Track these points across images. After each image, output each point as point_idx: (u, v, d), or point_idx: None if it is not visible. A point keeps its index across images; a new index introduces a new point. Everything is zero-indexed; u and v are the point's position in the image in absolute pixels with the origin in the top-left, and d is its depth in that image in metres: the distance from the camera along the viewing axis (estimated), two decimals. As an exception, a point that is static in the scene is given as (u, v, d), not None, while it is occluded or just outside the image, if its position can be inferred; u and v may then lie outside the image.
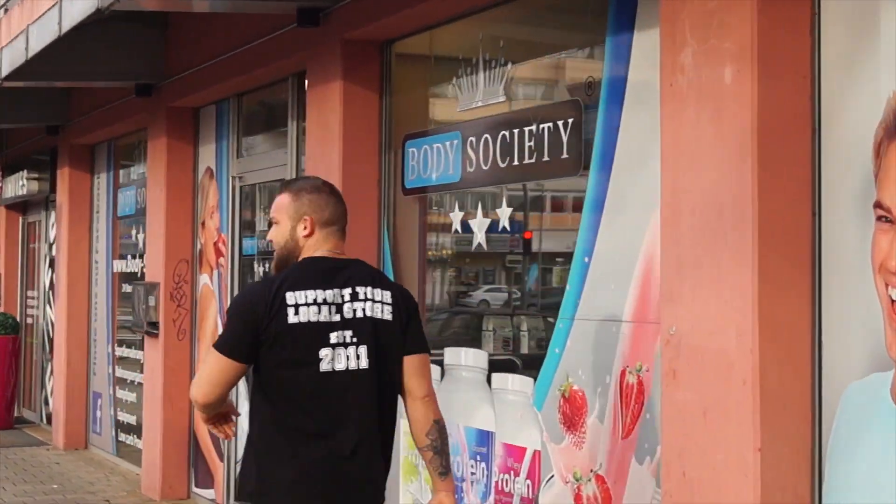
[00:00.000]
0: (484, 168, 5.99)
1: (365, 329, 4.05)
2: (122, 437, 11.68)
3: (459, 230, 6.33)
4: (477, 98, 6.18)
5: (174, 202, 9.90)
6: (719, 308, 4.15)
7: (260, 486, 4.02)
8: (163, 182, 9.90)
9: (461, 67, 6.30)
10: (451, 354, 6.34)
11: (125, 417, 11.61)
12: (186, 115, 9.95)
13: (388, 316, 4.10)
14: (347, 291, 4.07)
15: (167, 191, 9.88)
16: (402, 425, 4.74)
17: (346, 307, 4.05)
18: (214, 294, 9.39)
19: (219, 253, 9.38)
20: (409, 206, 6.91)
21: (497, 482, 5.84)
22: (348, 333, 4.03)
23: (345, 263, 4.16)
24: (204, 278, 9.72)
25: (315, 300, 4.02)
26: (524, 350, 6.09)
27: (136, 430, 11.26)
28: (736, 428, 4.07)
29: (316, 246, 4.14)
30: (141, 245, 11.26)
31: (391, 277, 6.75)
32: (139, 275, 11.25)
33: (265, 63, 8.09)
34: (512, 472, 5.75)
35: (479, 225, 6.13)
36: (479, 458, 6.02)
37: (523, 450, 5.67)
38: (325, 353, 4.00)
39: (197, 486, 9.79)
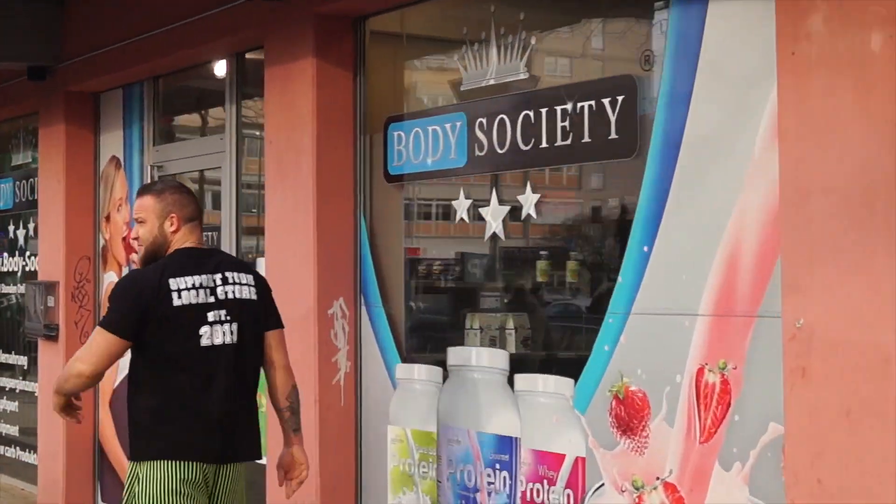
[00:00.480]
0: (499, 151, 5.52)
1: (235, 308, 4.72)
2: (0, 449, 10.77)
3: (466, 218, 5.83)
4: (488, 75, 5.69)
5: (74, 195, 9.11)
6: (869, 299, 3.77)
7: (157, 443, 4.60)
8: (61, 173, 9.09)
9: (466, 42, 5.80)
10: (458, 354, 5.85)
11: (3, 428, 10.70)
12: (86, 100, 9.17)
13: (253, 296, 4.80)
14: (218, 276, 4.73)
15: (66, 182, 9.07)
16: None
17: (220, 290, 4.71)
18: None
19: (130, 249, 8.64)
20: (390, 193, 6.38)
21: (525, 492, 5.37)
22: (223, 312, 4.69)
23: (210, 252, 4.97)
24: (110, 276, 8.95)
25: (194, 285, 4.66)
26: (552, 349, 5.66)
27: (18, 442, 10.38)
28: (894, 431, 3.70)
29: (183, 239, 4.78)
30: (22, 242, 10.38)
31: (372, 270, 6.25)
32: (19, 274, 10.37)
33: (196, 43, 7.43)
34: (545, 481, 5.29)
35: (493, 213, 5.64)
36: (498, 466, 5.54)
37: (560, 456, 5.21)
38: (204, 330, 4.65)
39: (104, 499, 9.03)
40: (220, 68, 7.63)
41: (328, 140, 6.40)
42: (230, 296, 4.74)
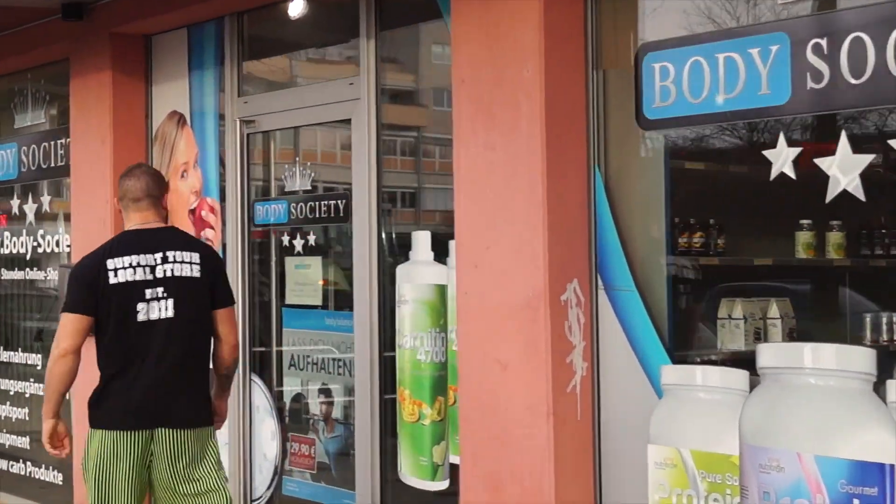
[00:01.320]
0: (853, 82, 4.10)
1: (172, 285, 4.96)
2: (1, 464, 9.06)
3: (791, 173, 4.40)
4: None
5: (122, 159, 7.43)
6: None
7: (98, 414, 5.01)
8: (106, 132, 7.46)
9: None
10: (780, 353, 4.44)
11: (4, 439, 8.99)
12: (136, 44, 7.53)
13: (195, 274, 5.01)
14: (159, 255, 4.98)
15: (113, 144, 7.42)
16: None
17: (159, 268, 4.96)
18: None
19: (202, 223, 7.06)
20: (644, 144, 4.94)
21: (909, 539, 3.98)
22: (160, 290, 4.95)
23: (154, 232, 5.09)
24: (170, 257, 7.33)
25: (131, 264, 4.95)
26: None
27: (27, 454, 8.70)
28: None
29: (130, 220, 5.14)
30: (32, 218, 8.68)
31: (616, 243, 4.81)
32: (29, 257, 8.68)
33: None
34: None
35: (844, 165, 4.23)
36: (858, 499, 4.14)
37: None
38: (141, 306, 4.93)
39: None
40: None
41: (556, 76, 4.93)
42: (168, 273, 4.98)
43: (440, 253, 5.78)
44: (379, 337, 6.01)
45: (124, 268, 4.95)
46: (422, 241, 5.82)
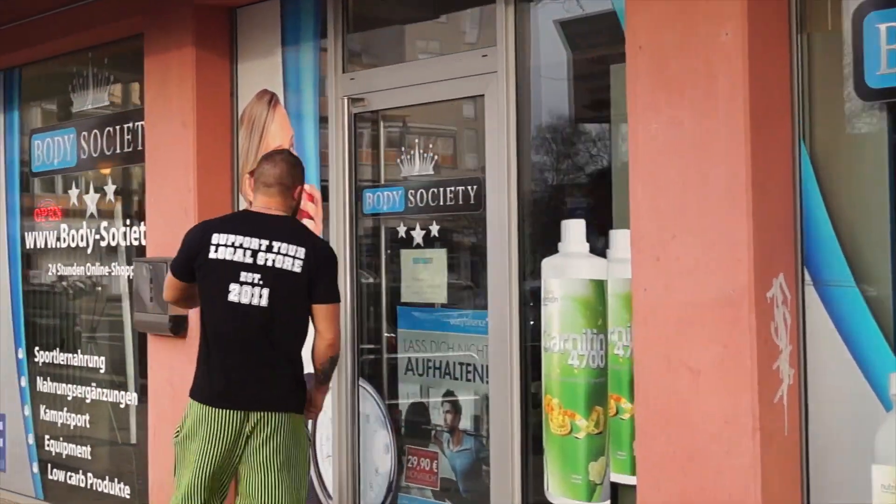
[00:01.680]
0: None
1: (270, 276, 5.00)
2: (56, 474, 8.40)
3: None
4: None
5: (207, 143, 6.81)
6: None
7: (196, 382, 5.15)
8: (189, 114, 6.79)
9: None
10: None
11: (62, 448, 8.34)
12: (220, 17, 6.87)
13: (296, 269, 5.01)
14: (265, 243, 5.03)
15: (197, 127, 6.76)
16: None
17: (260, 255, 5.02)
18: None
19: (302, 213, 6.40)
20: (862, 118, 4.30)
21: None
22: (257, 276, 5.00)
23: (268, 218, 5.12)
24: (259, 251, 6.69)
25: (233, 243, 5.04)
26: None
27: (85, 464, 8.06)
28: None
29: (255, 202, 5.22)
30: (93, 209, 8.03)
31: (830, 232, 4.18)
32: (90, 250, 8.02)
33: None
34: None
35: None
36: None
37: None
38: (234, 287, 5.01)
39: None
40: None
41: (760, 41, 4.29)
42: (269, 263, 4.99)
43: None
44: (520, 339, 5.36)
45: (226, 245, 5.03)
46: (575, 230, 5.18)
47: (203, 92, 6.76)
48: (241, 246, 5.01)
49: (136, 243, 7.63)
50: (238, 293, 4.98)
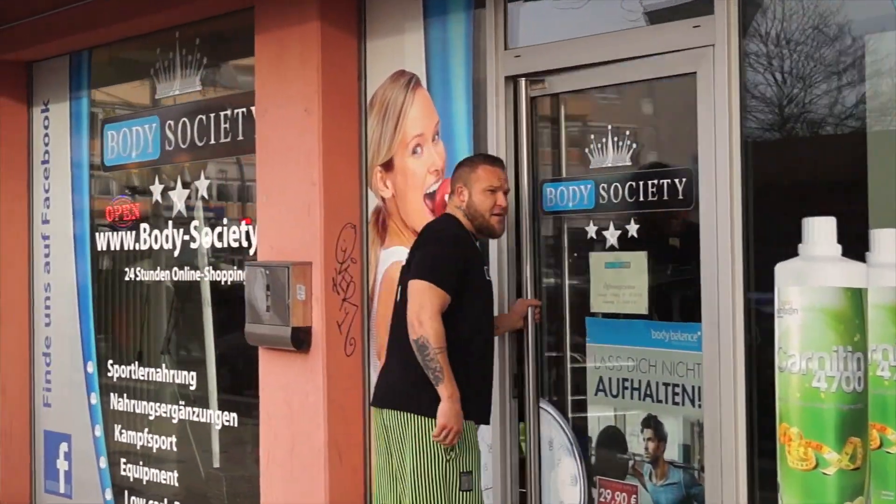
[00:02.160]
0: None
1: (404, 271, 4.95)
2: (134, 502, 7.59)
3: None
4: None
5: (333, 131, 6.01)
6: None
7: None
8: (313, 98, 5.98)
9: None
10: None
11: (140, 473, 7.53)
12: (347, -12, 6.07)
13: (405, 260, 4.99)
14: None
15: (322, 112, 5.96)
16: None
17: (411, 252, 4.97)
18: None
19: (441, 211, 5.62)
20: None
21: None
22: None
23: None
24: (393, 253, 5.91)
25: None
26: None
27: (170, 492, 7.27)
28: None
29: None
30: (181, 206, 7.22)
31: None
32: (178, 253, 7.22)
33: None
34: None
35: None
36: None
37: None
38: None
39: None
40: None
41: None
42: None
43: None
44: (746, 356, 4.58)
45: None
46: (823, 229, 4.38)
47: (329, 73, 5.96)
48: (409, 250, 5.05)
49: (235, 245, 6.83)
50: (398, 292, 5.02)
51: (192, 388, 7.13)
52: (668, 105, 5.12)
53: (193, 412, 7.13)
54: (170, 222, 7.29)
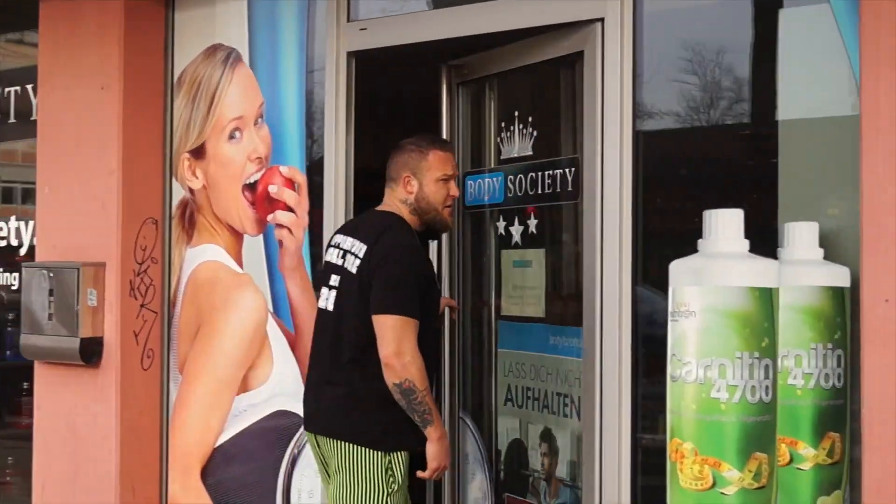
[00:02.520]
0: None
1: (342, 278, 4.28)
2: None
3: None
4: None
5: (136, 112, 5.26)
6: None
7: None
8: (114, 74, 5.22)
9: None
10: None
11: None
12: (153, -52, 5.35)
13: (353, 270, 4.23)
14: (350, 241, 4.30)
15: (123, 88, 5.21)
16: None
17: (345, 256, 4.29)
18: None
19: (269, 204, 4.99)
20: None
21: None
22: (338, 278, 4.29)
23: (366, 216, 4.43)
24: (204, 252, 5.22)
25: (334, 243, 4.37)
26: None
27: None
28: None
29: None
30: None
31: None
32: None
33: None
34: None
35: None
36: None
37: None
38: (322, 291, 4.36)
39: None
40: None
41: None
42: (344, 263, 4.29)
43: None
44: (632, 365, 4.12)
45: (332, 246, 4.41)
46: (726, 223, 3.94)
47: (133, 46, 5.22)
48: (337, 246, 4.38)
49: (2, 244, 5.97)
50: (324, 298, 4.35)
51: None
52: (569, 87, 4.62)
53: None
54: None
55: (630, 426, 4.11)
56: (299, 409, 4.56)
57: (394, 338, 4.08)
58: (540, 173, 4.46)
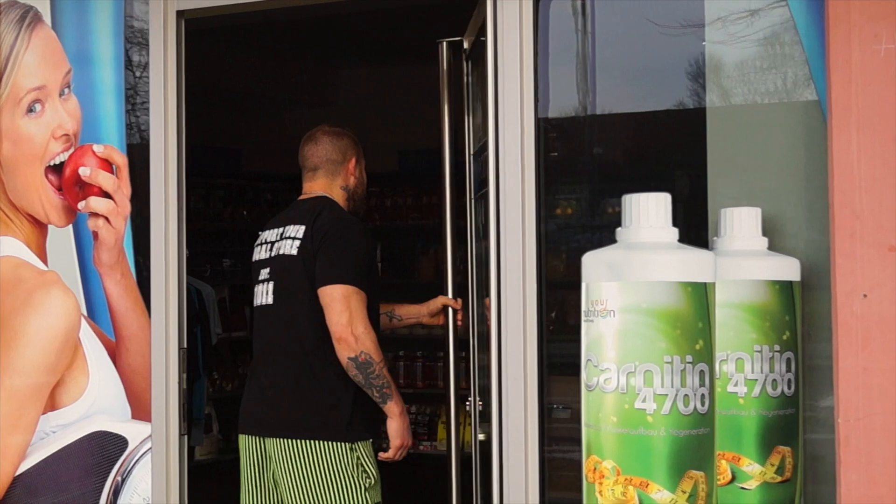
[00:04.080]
0: None
1: (275, 266, 4.18)
2: None
3: None
4: None
5: None
6: None
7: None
8: None
9: None
10: None
11: None
12: None
13: (292, 251, 4.13)
14: (280, 231, 4.20)
15: None
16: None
17: (275, 246, 4.20)
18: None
19: (80, 189, 4.28)
20: None
21: None
22: (267, 271, 4.20)
23: (299, 204, 4.29)
24: (3, 245, 4.43)
25: (264, 240, 4.28)
26: None
27: None
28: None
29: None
30: None
31: None
32: None
33: None
34: None
35: None
36: None
37: None
38: (257, 289, 4.26)
39: None
40: None
41: None
42: (275, 253, 4.20)
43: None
44: (538, 370, 3.61)
45: (258, 244, 4.34)
46: (651, 209, 3.46)
47: None
48: (265, 242, 4.30)
49: None
50: (259, 294, 4.26)
51: None
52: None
53: None
54: None
55: (538, 442, 3.62)
56: (122, 429, 3.98)
57: (344, 308, 3.97)
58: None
